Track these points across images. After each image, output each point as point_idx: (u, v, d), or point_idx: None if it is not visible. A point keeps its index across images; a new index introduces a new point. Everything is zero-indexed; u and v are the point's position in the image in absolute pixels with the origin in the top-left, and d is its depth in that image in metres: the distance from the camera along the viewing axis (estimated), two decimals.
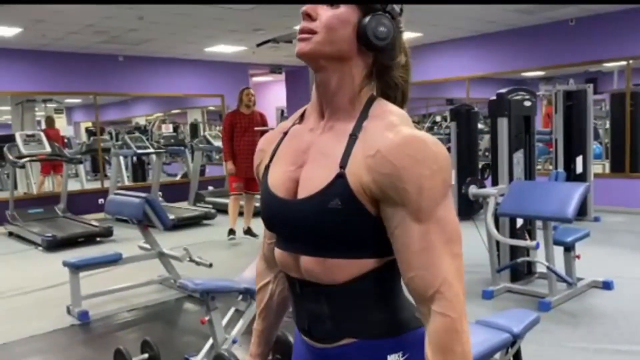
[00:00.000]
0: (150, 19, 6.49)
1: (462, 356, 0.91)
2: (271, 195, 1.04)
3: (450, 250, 0.92)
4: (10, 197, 7.73)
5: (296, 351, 1.15)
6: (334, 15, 0.98)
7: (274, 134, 1.15)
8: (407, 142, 0.91)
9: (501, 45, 8.50)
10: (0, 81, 8.07)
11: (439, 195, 0.92)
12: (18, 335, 3.80)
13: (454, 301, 0.91)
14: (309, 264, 1.00)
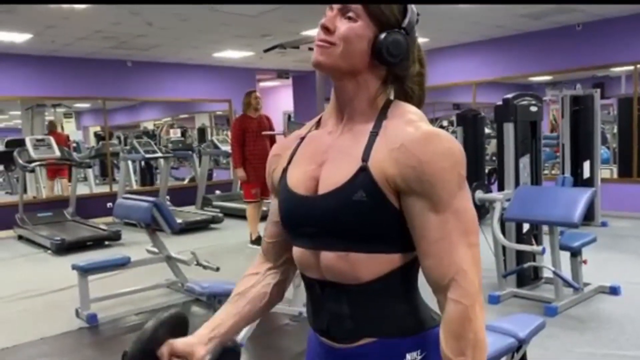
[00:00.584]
0: (158, 25, 6.56)
1: (475, 342, 0.94)
2: (291, 194, 1.07)
3: (467, 240, 0.96)
4: (19, 200, 7.80)
5: (312, 353, 1.15)
6: (351, 28, 1.01)
7: (289, 140, 1.17)
8: (427, 137, 0.96)
9: (508, 50, 8.51)
10: (11, 86, 8.15)
11: (456, 186, 0.96)
12: (28, 337, 3.84)
13: (467, 289, 0.95)
14: (331, 260, 1.02)
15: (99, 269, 4.27)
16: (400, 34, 1.01)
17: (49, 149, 7.62)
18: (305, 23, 6.57)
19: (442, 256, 0.96)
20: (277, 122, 9.75)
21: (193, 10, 5.93)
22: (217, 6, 5.75)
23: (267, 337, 3.74)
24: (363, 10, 1.01)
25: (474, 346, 0.94)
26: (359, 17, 1.01)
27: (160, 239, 4.63)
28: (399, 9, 1.03)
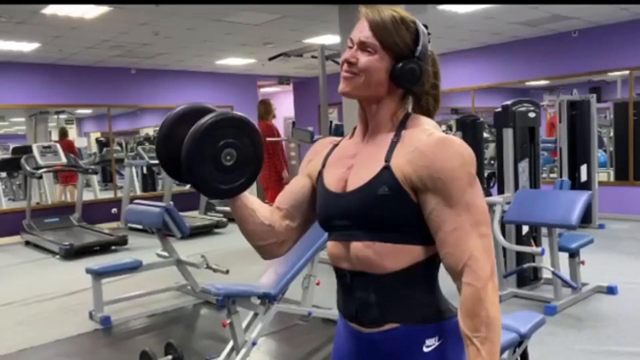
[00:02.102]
0: (164, 34, 6.70)
1: (487, 320, 1.08)
2: (327, 191, 1.24)
3: (478, 231, 1.11)
4: (27, 207, 7.92)
5: (340, 338, 1.30)
6: (371, 61, 1.17)
7: (323, 145, 1.35)
8: (439, 141, 1.12)
9: (505, 57, 8.67)
10: (18, 94, 8.29)
11: (466, 183, 1.11)
12: (44, 339, 3.97)
13: (479, 273, 1.09)
14: (360, 249, 1.16)
15: (112, 272, 4.40)
16: (413, 62, 1.17)
17: (55, 156, 7.75)
18: (306, 32, 6.71)
19: (457, 245, 1.10)
20: (280, 128, 9.88)
21: (199, 20, 6.08)
22: (222, 16, 5.90)
23: (279, 335, 3.88)
24: (379, 45, 1.17)
25: (487, 323, 1.08)
26: (376, 51, 1.17)
27: (170, 243, 4.75)
28: (411, 37, 1.18)
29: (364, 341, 1.21)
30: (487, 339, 1.08)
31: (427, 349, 1.16)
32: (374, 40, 1.17)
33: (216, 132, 1.19)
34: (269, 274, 3.43)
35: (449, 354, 1.17)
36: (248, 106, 10.78)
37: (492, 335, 1.09)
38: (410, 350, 1.16)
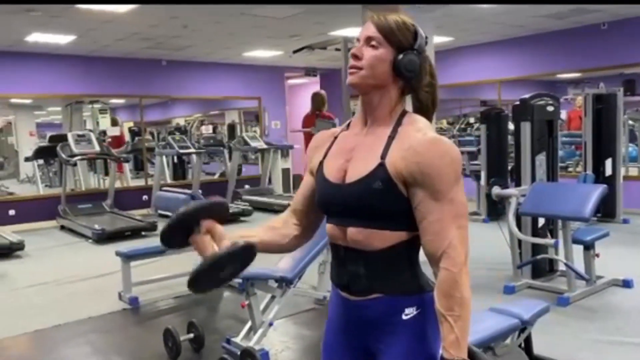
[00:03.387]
0: (193, 27, 6.90)
1: (461, 300, 1.23)
2: (327, 182, 1.37)
3: (457, 222, 1.25)
4: (62, 193, 8.27)
5: (332, 305, 1.46)
6: (375, 55, 1.31)
7: (325, 136, 1.48)
8: (431, 141, 1.26)
9: (533, 49, 8.61)
10: (54, 84, 8.63)
11: (452, 180, 1.25)
12: (76, 317, 4.22)
13: (456, 259, 1.23)
14: (354, 233, 1.32)
15: (140, 255, 4.62)
16: (413, 54, 1.31)
17: (89, 144, 8.05)
18: (330, 25, 6.82)
19: (438, 234, 1.24)
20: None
21: (226, 14, 6.25)
22: (248, 10, 6.05)
23: (296, 318, 4.04)
24: (383, 39, 1.31)
25: (461, 303, 1.23)
26: (381, 45, 1.31)
27: None
28: (412, 35, 1.33)
29: (352, 307, 1.37)
30: (460, 317, 1.22)
31: (406, 317, 1.31)
32: (378, 35, 1.31)
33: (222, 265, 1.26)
34: (287, 259, 3.59)
35: (425, 322, 1.31)
36: (276, 97, 10.99)
37: (465, 313, 1.23)
38: (391, 316, 1.31)
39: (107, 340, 3.85)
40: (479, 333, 2.52)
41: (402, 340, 1.31)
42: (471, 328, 2.62)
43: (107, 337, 3.91)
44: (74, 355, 3.64)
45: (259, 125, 11.13)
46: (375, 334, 1.34)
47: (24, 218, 8.17)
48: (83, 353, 3.64)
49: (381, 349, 1.34)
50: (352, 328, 1.39)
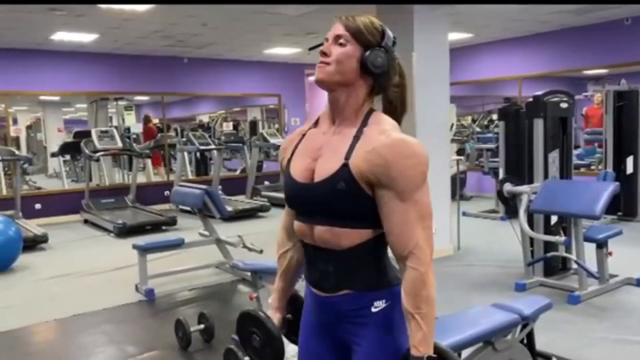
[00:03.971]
0: (211, 25, 7.00)
1: (427, 298, 1.26)
2: (293, 181, 1.40)
3: (423, 223, 1.28)
4: (86, 188, 8.49)
5: (306, 302, 1.51)
6: (342, 52, 1.34)
7: (294, 136, 1.51)
8: (394, 142, 1.27)
9: (554, 45, 8.50)
10: (80, 82, 8.84)
11: (418, 182, 1.27)
12: (94, 307, 4.36)
13: (422, 259, 1.27)
14: (321, 232, 1.35)
15: (156, 248, 4.75)
16: (380, 51, 1.33)
17: (112, 140, 8.24)
18: None
19: (403, 233, 1.27)
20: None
21: (243, 11, 6.33)
22: (263, 7, 6.13)
23: None
24: (351, 37, 1.34)
25: (427, 301, 1.27)
26: (348, 42, 1.34)
27: (211, 223, 5.07)
28: (379, 34, 1.35)
29: (324, 303, 1.42)
30: (426, 315, 1.26)
31: (375, 309, 1.34)
32: (346, 33, 1.34)
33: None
34: None
35: (394, 314, 1.35)
36: (296, 94, 11.06)
37: (431, 311, 1.27)
38: (361, 310, 1.35)
39: (121, 330, 3.97)
40: (478, 327, 2.55)
41: (373, 332, 1.34)
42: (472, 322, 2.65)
43: (122, 327, 4.03)
44: (90, 344, 3.76)
45: (279, 122, 11.22)
46: (347, 327, 1.38)
47: (49, 212, 8.41)
48: (98, 342, 3.77)
49: (354, 342, 1.38)
50: (326, 323, 1.43)
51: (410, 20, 5.24)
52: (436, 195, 5.49)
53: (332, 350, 1.44)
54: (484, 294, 4.29)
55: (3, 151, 7.59)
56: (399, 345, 1.34)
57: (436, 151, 5.47)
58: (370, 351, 1.34)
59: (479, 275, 4.91)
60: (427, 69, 5.34)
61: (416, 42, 5.25)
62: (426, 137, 5.32)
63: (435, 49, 5.46)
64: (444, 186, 5.66)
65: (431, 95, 5.40)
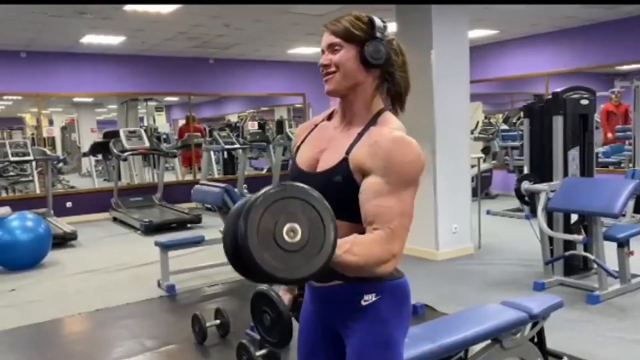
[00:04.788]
0: (235, 26, 7.10)
1: (369, 255, 1.24)
2: (297, 168, 1.46)
3: (402, 220, 1.29)
4: (114, 186, 8.71)
5: (306, 292, 1.56)
6: (340, 57, 1.38)
7: (308, 125, 1.57)
8: (397, 139, 1.31)
9: (583, 41, 8.32)
10: (109, 83, 9.07)
11: (410, 180, 1.31)
12: (119, 302, 4.50)
13: (391, 246, 1.26)
14: None
15: (177, 245, 4.86)
16: (375, 42, 1.36)
17: (139, 140, 8.44)
18: None
19: (382, 216, 1.27)
20: None
21: (265, 12, 6.41)
22: (287, 7, 6.19)
23: None
24: (343, 41, 1.38)
25: (366, 256, 1.24)
26: (342, 46, 1.38)
27: None
28: (368, 26, 1.38)
29: (317, 294, 1.47)
30: (356, 255, 1.22)
31: (365, 303, 1.37)
32: (337, 39, 1.38)
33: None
34: None
35: (384, 308, 1.38)
36: (320, 93, 11.08)
37: (360, 260, 1.23)
38: (351, 302, 1.39)
39: (142, 324, 4.08)
40: (484, 325, 2.55)
41: (363, 325, 1.37)
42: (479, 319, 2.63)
43: (143, 321, 4.14)
44: (110, 337, 3.89)
45: (303, 120, 11.28)
46: (339, 318, 1.42)
47: (80, 210, 8.66)
48: (118, 336, 3.89)
49: (346, 334, 1.41)
50: (320, 312, 1.48)
51: (429, 18, 5.22)
52: (456, 193, 5.51)
53: (326, 339, 1.49)
54: (500, 292, 4.25)
55: (36, 151, 7.85)
56: (388, 339, 1.37)
57: (455, 150, 5.45)
58: (360, 344, 1.38)
59: (497, 274, 4.86)
60: (446, 67, 5.31)
61: (435, 40, 5.23)
62: (445, 136, 5.32)
63: (454, 46, 5.42)
64: (464, 185, 5.62)
65: (451, 93, 5.37)
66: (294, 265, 1.06)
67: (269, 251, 1.05)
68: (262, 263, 1.03)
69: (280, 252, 1.06)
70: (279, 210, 1.08)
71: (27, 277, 5.37)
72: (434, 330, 2.56)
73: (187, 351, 3.54)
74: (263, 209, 1.06)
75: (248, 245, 1.03)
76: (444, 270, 5.05)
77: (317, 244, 1.09)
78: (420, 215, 5.54)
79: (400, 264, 1.38)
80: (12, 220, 5.56)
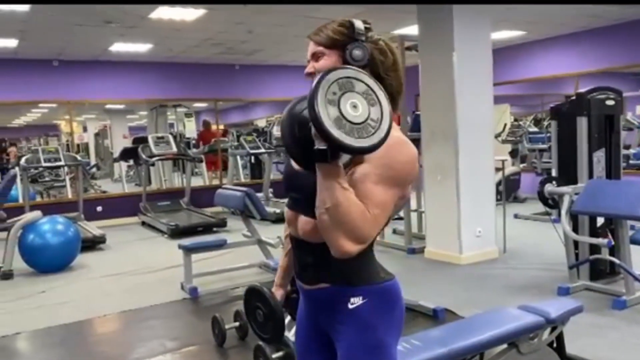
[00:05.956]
0: (257, 32, 7.18)
1: (338, 209, 1.20)
2: (290, 167, 1.46)
3: (379, 210, 1.25)
4: (143, 191, 8.88)
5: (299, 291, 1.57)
6: (323, 64, 1.39)
7: None
8: (394, 138, 1.29)
9: (613, 40, 8.13)
10: (137, 90, 9.28)
11: (400, 179, 1.30)
12: (143, 304, 4.59)
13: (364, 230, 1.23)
14: (304, 223, 1.39)
15: (200, 248, 4.92)
16: (356, 44, 1.36)
17: (167, 145, 8.59)
18: (391, 24, 6.83)
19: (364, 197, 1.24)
20: None
21: (287, 17, 6.46)
22: (308, 12, 6.22)
23: None
24: (325, 48, 1.40)
25: (336, 208, 1.21)
26: (325, 53, 1.40)
27: (252, 224, 5.20)
28: (348, 30, 1.38)
29: (307, 296, 1.47)
30: (345, 198, 1.20)
31: (352, 306, 1.36)
32: (319, 47, 1.40)
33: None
34: None
35: (371, 312, 1.36)
36: None
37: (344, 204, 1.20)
38: (338, 305, 1.38)
39: (164, 326, 4.15)
40: (500, 328, 2.52)
41: (350, 329, 1.37)
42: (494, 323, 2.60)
43: (165, 323, 4.21)
44: (133, 338, 3.97)
45: None
46: (326, 321, 1.43)
47: (110, 214, 8.86)
48: (141, 337, 3.96)
49: (335, 337, 1.42)
50: (310, 313, 1.49)
51: (450, 20, 5.18)
52: (480, 196, 5.44)
53: (318, 341, 1.50)
54: (523, 297, 4.18)
55: (67, 157, 8.06)
56: (376, 343, 1.36)
57: (478, 152, 5.38)
58: (349, 348, 1.37)
59: (521, 278, 4.78)
60: (468, 68, 5.26)
61: (456, 42, 5.18)
62: (468, 137, 5.27)
63: (477, 48, 5.36)
64: (488, 188, 5.55)
65: (473, 95, 5.31)
66: (360, 135, 1.16)
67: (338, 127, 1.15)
68: (333, 133, 1.13)
69: (349, 125, 1.16)
70: (340, 87, 1.18)
71: (57, 279, 5.52)
72: (448, 333, 2.54)
73: (206, 353, 3.59)
74: (327, 86, 1.17)
75: (318, 118, 1.14)
76: (467, 275, 4.99)
77: (376, 117, 1.19)
78: (443, 219, 5.56)
79: (423, 268, 1.37)
80: (43, 224, 5.73)
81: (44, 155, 7.71)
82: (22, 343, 4.01)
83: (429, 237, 5.71)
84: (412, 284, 4.40)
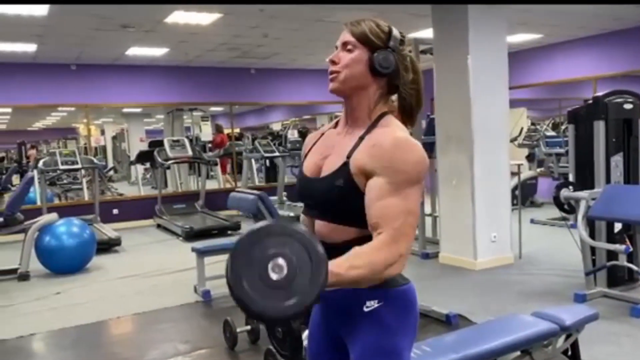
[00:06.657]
0: (273, 36, 7.20)
1: (372, 264, 1.23)
2: (303, 175, 1.48)
3: (407, 218, 1.27)
4: (158, 194, 8.94)
5: None
6: (350, 57, 1.38)
7: (316, 133, 1.59)
8: (399, 139, 1.30)
9: (632, 43, 8.01)
10: (154, 94, 9.36)
11: (413, 179, 1.29)
12: (157, 306, 4.61)
13: (397, 248, 1.25)
14: (320, 226, 1.41)
15: (212, 251, 4.92)
16: (387, 52, 1.36)
17: (183, 149, 8.65)
18: (405, 27, 6.81)
19: (386, 217, 1.25)
20: None
21: (302, 21, 6.47)
22: (322, 16, 6.23)
23: None
24: (357, 42, 1.38)
25: (369, 265, 1.22)
26: (356, 47, 1.38)
27: None
28: (386, 35, 1.38)
29: (322, 298, 1.43)
30: (359, 268, 1.21)
31: (367, 309, 1.35)
32: (352, 39, 1.38)
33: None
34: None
35: (387, 315, 1.35)
36: None
37: (362, 272, 1.21)
38: (353, 308, 1.37)
39: (177, 328, 4.17)
40: (512, 335, 2.48)
41: (364, 333, 1.35)
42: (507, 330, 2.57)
43: (178, 325, 4.22)
44: (146, 340, 3.98)
45: None
46: (341, 324, 1.41)
47: (126, 216, 8.93)
48: (154, 339, 3.98)
49: (349, 340, 1.40)
50: (325, 317, 1.48)
51: (465, 22, 5.14)
52: (495, 201, 5.38)
53: (331, 344, 1.49)
54: (539, 304, 4.11)
55: (84, 160, 8.15)
56: (391, 347, 1.34)
57: (494, 156, 5.33)
58: (363, 352, 1.36)
59: (537, 284, 4.71)
60: (483, 72, 5.22)
61: (471, 45, 5.14)
62: (483, 142, 5.22)
63: (492, 51, 5.31)
64: (504, 192, 5.49)
65: (489, 99, 5.26)
66: (281, 298, 1.06)
67: (257, 292, 1.05)
68: (251, 304, 1.05)
69: (268, 290, 1.05)
70: (262, 248, 1.08)
71: (72, 280, 5.57)
72: (461, 340, 2.51)
73: (217, 356, 3.58)
74: (245, 251, 1.07)
75: (237, 294, 1.06)
76: (482, 280, 4.93)
77: (305, 275, 1.08)
78: (458, 223, 5.51)
79: (436, 273, 1.36)
80: (59, 226, 5.79)
81: (61, 158, 7.80)
82: (37, 344, 4.05)
83: (443, 242, 5.66)
84: (426, 289, 4.36)
